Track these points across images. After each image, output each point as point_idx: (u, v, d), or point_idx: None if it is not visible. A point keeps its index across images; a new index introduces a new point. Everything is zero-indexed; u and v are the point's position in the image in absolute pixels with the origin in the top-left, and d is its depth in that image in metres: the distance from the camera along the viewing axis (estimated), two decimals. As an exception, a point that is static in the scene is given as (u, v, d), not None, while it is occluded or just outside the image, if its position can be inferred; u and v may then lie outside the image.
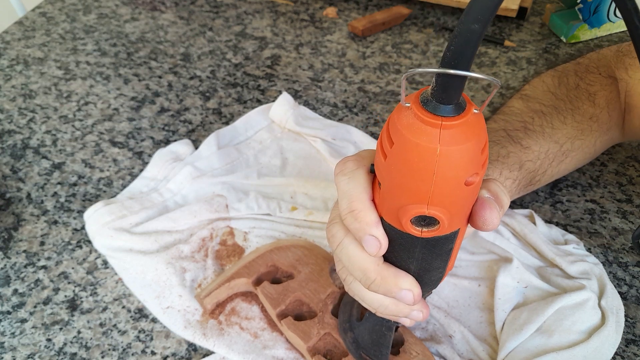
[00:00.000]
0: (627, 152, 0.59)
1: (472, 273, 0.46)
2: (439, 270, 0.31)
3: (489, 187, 0.29)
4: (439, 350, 0.42)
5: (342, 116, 0.64)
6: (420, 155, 0.24)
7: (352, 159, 0.30)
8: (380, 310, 0.33)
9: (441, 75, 0.23)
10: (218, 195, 0.52)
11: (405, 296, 0.30)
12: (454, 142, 0.23)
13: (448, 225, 0.27)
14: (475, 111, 0.24)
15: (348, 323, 0.40)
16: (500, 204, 0.29)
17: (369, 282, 0.31)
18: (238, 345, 0.42)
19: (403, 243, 0.29)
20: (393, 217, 0.28)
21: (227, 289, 0.45)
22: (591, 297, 0.42)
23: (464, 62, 0.22)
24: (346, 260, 0.31)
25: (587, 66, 0.52)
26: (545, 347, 0.40)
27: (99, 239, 0.48)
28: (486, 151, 0.25)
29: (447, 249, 0.30)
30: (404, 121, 0.24)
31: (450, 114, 0.23)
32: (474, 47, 0.22)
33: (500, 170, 0.42)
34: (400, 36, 0.77)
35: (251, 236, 0.50)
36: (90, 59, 0.72)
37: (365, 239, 0.29)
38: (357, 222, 0.29)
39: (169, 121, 0.63)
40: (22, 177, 0.57)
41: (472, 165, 0.25)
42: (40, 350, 0.43)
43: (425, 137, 0.23)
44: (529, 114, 0.47)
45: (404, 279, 0.30)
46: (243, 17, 0.81)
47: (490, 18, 0.21)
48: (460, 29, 0.21)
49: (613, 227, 0.51)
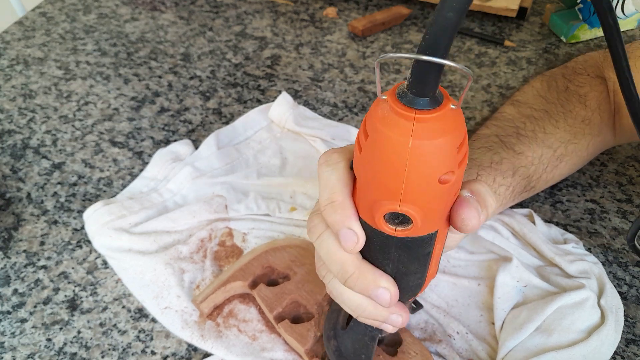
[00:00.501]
0: (627, 152, 0.59)
1: (471, 272, 0.46)
2: (416, 275, 0.30)
3: (470, 187, 0.29)
4: (438, 349, 0.42)
5: (342, 116, 0.64)
6: (392, 148, 0.23)
7: (338, 151, 0.30)
8: (358, 312, 0.33)
9: (416, 65, 0.22)
10: (217, 195, 0.52)
11: (382, 294, 0.30)
12: (428, 136, 0.23)
13: (422, 225, 0.26)
14: (453, 107, 0.23)
15: (332, 331, 0.39)
16: (483, 204, 0.28)
17: (347, 276, 0.30)
18: (236, 347, 0.42)
19: (378, 242, 0.28)
20: (368, 213, 0.27)
21: (223, 293, 0.44)
22: (590, 296, 0.42)
23: (439, 50, 0.21)
24: (325, 254, 0.31)
25: (575, 68, 0.52)
26: (544, 346, 0.40)
27: (98, 238, 0.48)
28: (464, 149, 0.25)
29: (424, 252, 0.29)
30: (379, 113, 0.24)
31: (425, 107, 0.23)
32: (450, 36, 0.21)
33: (494, 177, 0.42)
34: (400, 36, 0.77)
35: (250, 237, 0.50)
36: (90, 59, 0.72)
37: (343, 232, 0.28)
38: (335, 214, 0.28)
39: (169, 121, 0.63)
40: (22, 177, 0.57)
41: (447, 162, 0.24)
42: (40, 350, 0.43)
43: (398, 130, 0.23)
44: (520, 119, 0.47)
45: (381, 277, 0.30)
46: (243, 17, 0.81)
47: (465, 7, 0.21)
48: (436, 17, 0.21)
49: (613, 227, 0.51)
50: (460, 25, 0.21)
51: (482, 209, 0.28)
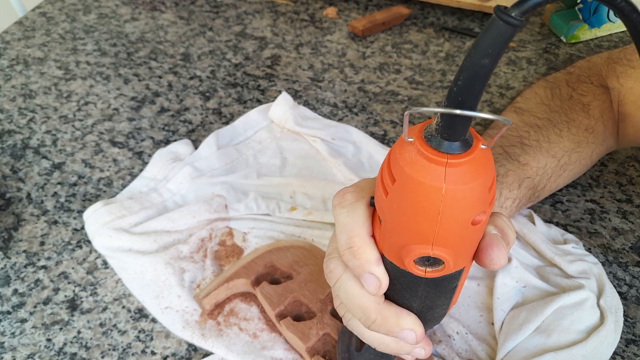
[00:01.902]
0: (627, 152, 0.59)
1: (471, 272, 0.46)
2: (442, 307, 0.30)
3: (495, 223, 0.28)
4: (437, 350, 0.42)
5: (342, 116, 0.64)
6: (425, 194, 0.22)
7: (351, 190, 0.29)
8: (381, 348, 0.32)
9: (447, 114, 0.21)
10: (217, 195, 0.52)
11: (408, 336, 0.29)
12: (461, 181, 0.22)
13: (453, 265, 0.25)
14: (483, 147, 0.23)
15: (347, 353, 0.38)
16: (507, 240, 0.28)
17: (370, 322, 0.29)
18: (237, 346, 0.42)
19: (405, 282, 0.28)
20: (395, 255, 0.26)
21: (225, 290, 0.45)
22: (590, 297, 0.42)
23: (472, 99, 0.20)
24: (345, 298, 0.30)
25: (579, 76, 0.52)
26: (544, 347, 0.40)
27: (98, 238, 0.48)
28: (494, 188, 0.24)
29: (451, 287, 0.28)
30: (407, 157, 0.23)
31: (456, 151, 0.22)
32: (483, 83, 0.20)
33: (500, 191, 0.41)
34: (400, 36, 0.77)
35: (250, 237, 0.50)
36: (90, 59, 0.72)
37: (365, 277, 0.27)
38: (356, 260, 0.27)
39: (169, 121, 0.63)
40: (22, 177, 0.57)
41: (480, 204, 0.23)
42: (40, 350, 0.43)
43: (430, 176, 0.22)
44: (524, 128, 0.47)
45: (406, 318, 0.29)
46: (243, 17, 0.81)
47: (501, 52, 0.19)
48: (469, 63, 0.20)
49: (613, 227, 0.51)
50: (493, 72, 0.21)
51: (507, 245, 0.27)
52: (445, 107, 0.21)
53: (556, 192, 0.54)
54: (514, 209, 0.43)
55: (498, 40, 0.19)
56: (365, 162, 0.57)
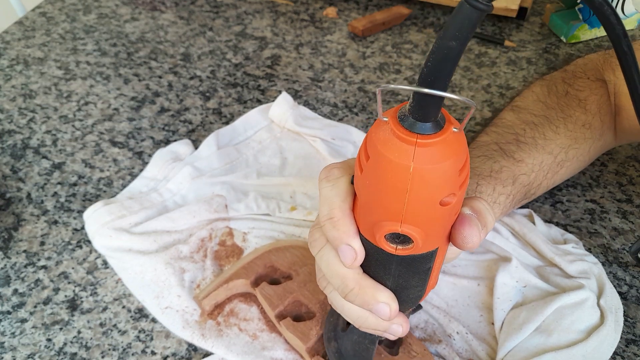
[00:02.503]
0: (627, 152, 0.59)
1: (471, 272, 0.46)
2: (417, 289, 0.31)
3: (472, 205, 0.29)
4: (438, 350, 0.42)
5: (342, 116, 0.64)
6: (394, 172, 0.23)
7: (338, 166, 0.30)
8: (359, 323, 0.33)
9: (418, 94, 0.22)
10: (217, 195, 0.52)
11: (382, 309, 0.30)
12: (429, 161, 0.23)
13: (423, 244, 0.26)
14: (455, 130, 0.23)
15: (333, 332, 0.39)
16: (484, 222, 0.28)
17: (347, 291, 0.30)
18: (237, 346, 0.42)
19: (379, 258, 0.29)
20: (368, 231, 0.27)
21: (225, 290, 0.45)
22: (590, 297, 0.42)
23: (441, 80, 0.21)
24: (325, 267, 0.31)
25: (574, 72, 0.52)
26: (544, 347, 0.40)
27: (98, 238, 0.48)
28: (466, 171, 0.25)
29: (424, 267, 0.29)
30: (380, 136, 0.24)
31: (427, 132, 0.23)
32: (452, 65, 0.21)
33: (494, 186, 0.41)
34: (400, 36, 0.77)
35: (250, 237, 0.50)
36: (90, 59, 0.72)
37: (342, 248, 0.28)
38: (334, 230, 0.28)
39: (169, 121, 0.63)
40: (22, 177, 0.57)
41: (448, 186, 0.24)
42: (40, 350, 0.43)
43: (399, 154, 0.23)
44: (520, 125, 0.47)
45: (381, 292, 0.30)
46: (243, 17, 0.81)
47: (469, 35, 0.20)
48: (438, 45, 0.21)
49: (613, 227, 0.51)
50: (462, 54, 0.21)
51: (482, 227, 0.28)
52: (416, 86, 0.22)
53: (556, 192, 0.54)
54: (508, 204, 0.43)
55: (466, 23, 0.20)
56: (365, 162, 0.57)
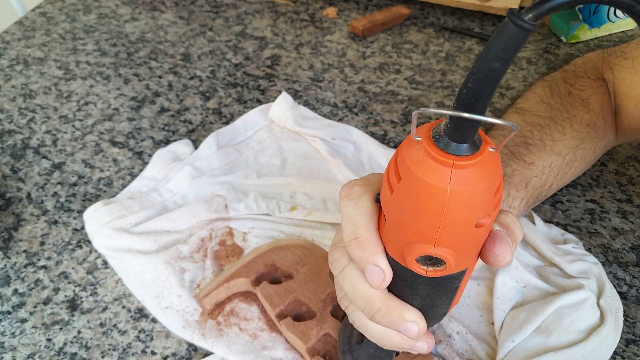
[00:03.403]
0: (627, 152, 0.59)
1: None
2: (443, 307, 0.30)
3: (501, 220, 0.28)
4: (438, 349, 0.42)
5: (342, 116, 0.64)
6: (429, 194, 0.22)
7: (359, 183, 0.29)
8: (383, 342, 0.32)
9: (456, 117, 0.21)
10: (217, 195, 0.52)
11: (410, 329, 0.29)
12: (466, 184, 0.22)
13: (455, 266, 0.25)
14: (491, 150, 0.22)
15: (347, 345, 0.38)
16: (513, 238, 0.27)
17: (373, 312, 0.30)
18: (237, 345, 0.42)
19: (406, 279, 0.28)
20: (397, 253, 0.27)
21: (226, 289, 0.45)
22: (590, 297, 0.42)
23: (481, 102, 0.20)
24: (349, 288, 0.30)
25: (574, 72, 0.52)
26: (544, 347, 0.40)
27: (98, 238, 0.48)
28: (500, 192, 0.24)
29: (453, 287, 0.28)
30: (414, 156, 0.23)
31: (464, 153, 0.22)
32: (493, 87, 0.20)
33: (508, 191, 0.41)
34: (400, 36, 0.77)
35: (250, 236, 0.50)
36: (90, 59, 0.72)
37: (369, 269, 0.27)
38: (361, 251, 0.27)
39: (169, 121, 0.63)
40: (22, 177, 0.57)
41: (485, 208, 0.23)
42: (40, 350, 0.43)
43: (435, 176, 0.22)
44: (527, 128, 0.47)
45: (409, 311, 0.29)
46: (243, 17, 0.81)
47: (513, 56, 0.19)
48: (480, 66, 0.20)
49: (613, 227, 0.51)
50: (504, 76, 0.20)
51: (513, 242, 0.27)
52: (454, 109, 0.21)
53: (556, 192, 0.54)
54: (522, 208, 0.43)
55: (510, 44, 0.19)
56: (365, 162, 0.57)
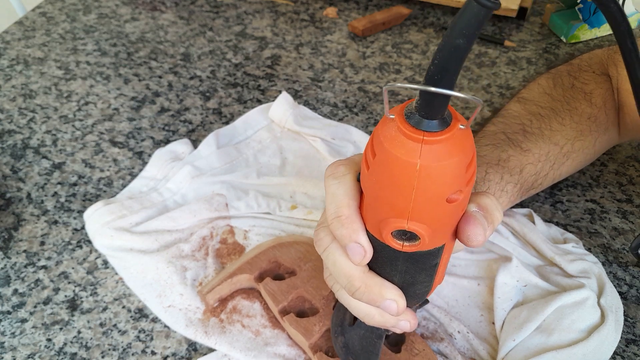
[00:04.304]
0: (627, 152, 0.59)
1: (471, 272, 0.46)
2: (424, 284, 0.31)
3: (479, 201, 0.28)
4: (440, 348, 0.42)
5: (342, 116, 0.64)
6: (400, 169, 0.23)
7: (344, 163, 0.30)
8: (367, 319, 0.33)
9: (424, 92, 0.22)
10: (217, 194, 0.52)
11: (389, 306, 0.30)
12: (436, 159, 0.23)
13: (429, 241, 0.26)
14: (461, 127, 0.23)
15: (340, 327, 0.39)
16: (490, 219, 0.28)
17: (354, 290, 0.30)
18: (240, 342, 0.42)
19: (386, 255, 0.29)
20: (375, 228, 0.27)
21: (229, 285, 0.45)
22: (590, 296, 0.42)
23: (448, 78, 0.21)
24: (332, 266, 0.31)
25: (580, 65, 0.52)
26: (544, 346, 0.40)
27: (99, 238, 0.48)
28: (473, 167, 0.25)
29: (431, 263, 0.29)
30: (387, 133, 0.24)
31: (434, 129, 0.23)
32: (459, 63, 0.21)
33: (502, 175, 0.42)
34: (400, 36, 0.77)
35: (251, 234, 0.50)
36: (90, 59, 0.72)
37: (350, 246, 0.28)
38: (343, 229, 0.28)
39: (169, 121, 0.63)
40: (22, 177, 0.57)
41: (455, 183, 0.24)
42: (40, 350, 0.43)
43: (406, 152, 0.23)
44: (527, 116, 0.47)
45: (388, 289, 0.30)
46: (243, 17, 0.81)
47: (476, 33, 0.20)
48: (445, 43, 0.20)
49: (613, 227, 0.51)
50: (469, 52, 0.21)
51: (489, 224, 0.28)
52: (422, 84, 0.22)
53: (556, 192, 0.54)
54: (516, 193, 0.43)
55: (473, 21, 0.20)
56: (365, 162, 0.57)
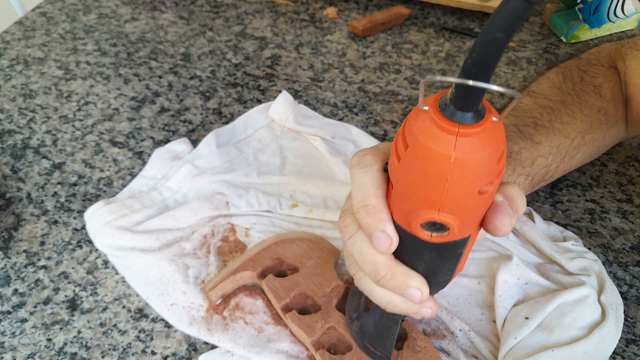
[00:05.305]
0: (627, 152, 0.59)
1: (471, 271, 0.46)
2: (447, 273, 0.31)
3: (504, 191, 0.29)
4: (442, 345, 0.42)
5: (342, 116, 0.64)
6: (434, 161, 0.23)
7: (370, 152, 0.30)
8: (389, 307, 0.33)
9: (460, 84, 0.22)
10: (218, 192, 0.52)
11: (414, 294, 0.31)
12: (470, 151, 0.23)
13: (459, 232, 0.26)
14: (495, 119, 0.23)
15: (355, 312, 0.39)
16: (515, 209, 0.28)
17: (379, 277, 0.31)
18: (243, 339, 0.42)
19: (412, 245, 0.29)
20: (403, 219, 0.27)
21: (232, 282, 0.45)
22: (591, 293, 0.42)
23: (485, 72, 0.21)
24: (357, 254, 0.31)
25: (589, 59, 0.53)
26: (546, 343, 0.40)
27: (100, 238, 0.48)
28: (503, 160, 0.25)
29: (456, 253, 0.29)
30: (420, 125, 0.24)
31: (468, 122, 0.23)
32: (497, 57, 0.21)
33: (514, 167, 0.42)
34: (400, 36, 0.77)
35: (252, 232, 0.50)
36: (90, 59, 0.72)
37: (376, 234, 0.29)
38: (369, 217, 0.28)
39: (169, 121, 0.63)
40: (22, 177, 0.57)
41: (487, 175, 0.24)
42: (41, 350, 0.43)
43: (440, 144, 0.23)
44: (537, 109, 0.48)
45: (413, 277, 0.30)
46: (243, 17, 0.81)
47: (516, 27, 0.20)
48: (484, 37, 0.20)
49: (613, 227, 0.51)
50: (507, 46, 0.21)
51: (514, 213, 0.28)
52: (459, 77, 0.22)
53: (556, 192, 0.54)
54: (527, 185, 0.44)
55: (513, 15, 0.19)
56: (365, 161, 0.57)
